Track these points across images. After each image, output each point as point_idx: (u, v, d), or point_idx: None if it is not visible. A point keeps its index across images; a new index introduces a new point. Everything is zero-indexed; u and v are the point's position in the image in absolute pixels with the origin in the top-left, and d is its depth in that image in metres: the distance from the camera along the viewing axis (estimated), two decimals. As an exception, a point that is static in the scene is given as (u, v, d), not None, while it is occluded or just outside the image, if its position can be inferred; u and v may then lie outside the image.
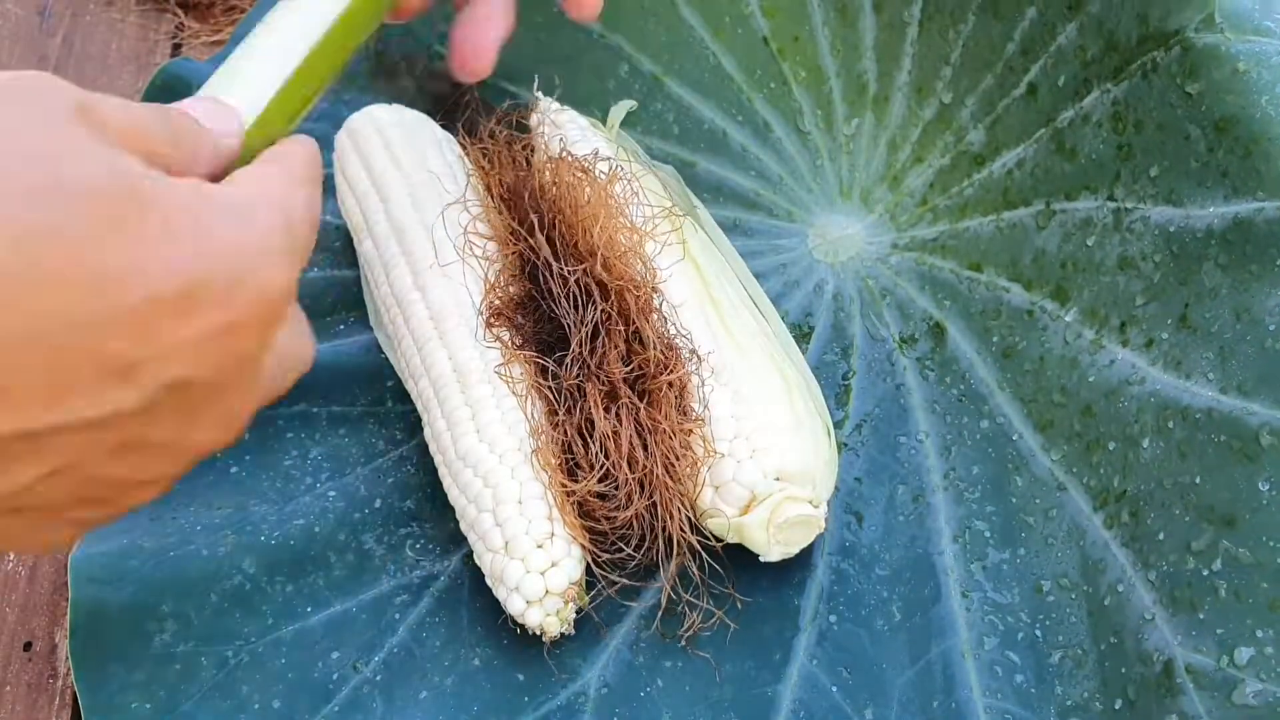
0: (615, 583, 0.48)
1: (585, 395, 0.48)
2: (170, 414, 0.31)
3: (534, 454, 0.48)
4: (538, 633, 0.46)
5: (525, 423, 0.48)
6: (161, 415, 0.30)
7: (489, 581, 0.48)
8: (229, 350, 0.31)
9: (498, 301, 0.51)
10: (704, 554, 0.48)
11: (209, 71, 0.67)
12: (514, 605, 0.46)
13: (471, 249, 0.52)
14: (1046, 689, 0.46)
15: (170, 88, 0.65)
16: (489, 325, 0.50)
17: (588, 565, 0.47)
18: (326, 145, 0.65)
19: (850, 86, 0.63)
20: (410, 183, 0.55)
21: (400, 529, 0.51)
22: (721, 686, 0.47)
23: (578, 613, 0.47)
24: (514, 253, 0.51)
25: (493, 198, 0.54)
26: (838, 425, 0.54)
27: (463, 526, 0.49)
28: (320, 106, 0.66)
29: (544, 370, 0.49)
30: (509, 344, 0.50)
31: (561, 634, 0.47)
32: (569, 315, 0.49)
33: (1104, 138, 0.51)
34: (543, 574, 0.46)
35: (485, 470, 0.48)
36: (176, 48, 0.72)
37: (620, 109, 0.64)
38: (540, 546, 0.46)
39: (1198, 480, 0.44)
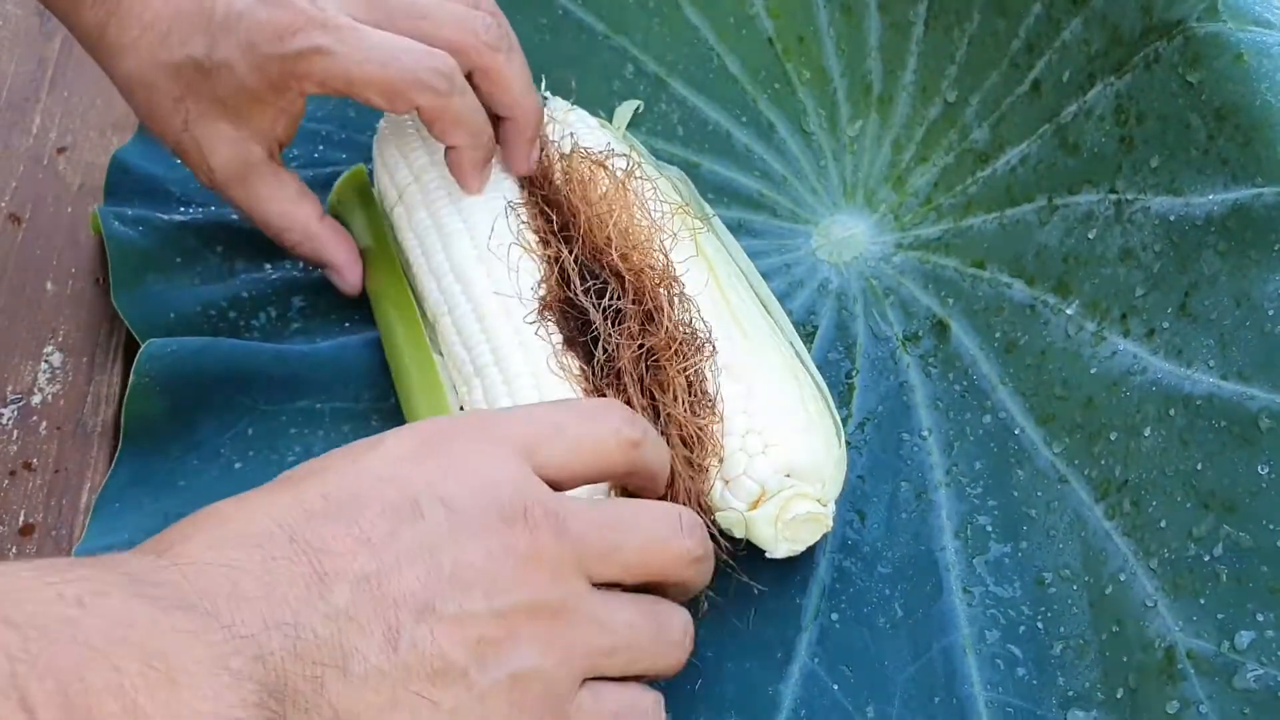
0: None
1: (621, 388, 0.48)
2: None
3: None
4: None
5: None
6: None
7: None
8: None
9: (548, 296, 0.51)
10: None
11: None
12: None
13: (524, 240, 0.52)
14: (1048, 680, 0.46)
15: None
16: (541, 315, 0.51)
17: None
18: (331, 145, 0.65)
19: (855, 87, 0.63)
20: None
21: (402, 523, 0.51)
22: (723, 685, 0.47)
23: None
24: (551, 255, 0.52)
25: (528, 199, 0.55)
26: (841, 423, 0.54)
27: None
28: (325, 107, 0.67)
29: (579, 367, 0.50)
30: (554, 339, 0.51)
31: None
32: (596, 314, 0.49)
33: (1106, 131, 0.51)
34: None
35: None
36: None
37: (626, 109, 0.65)
38: None
39: (1199, 467, 0.44)
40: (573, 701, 0.36)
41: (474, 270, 0.52)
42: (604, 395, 0.49)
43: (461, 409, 0.52)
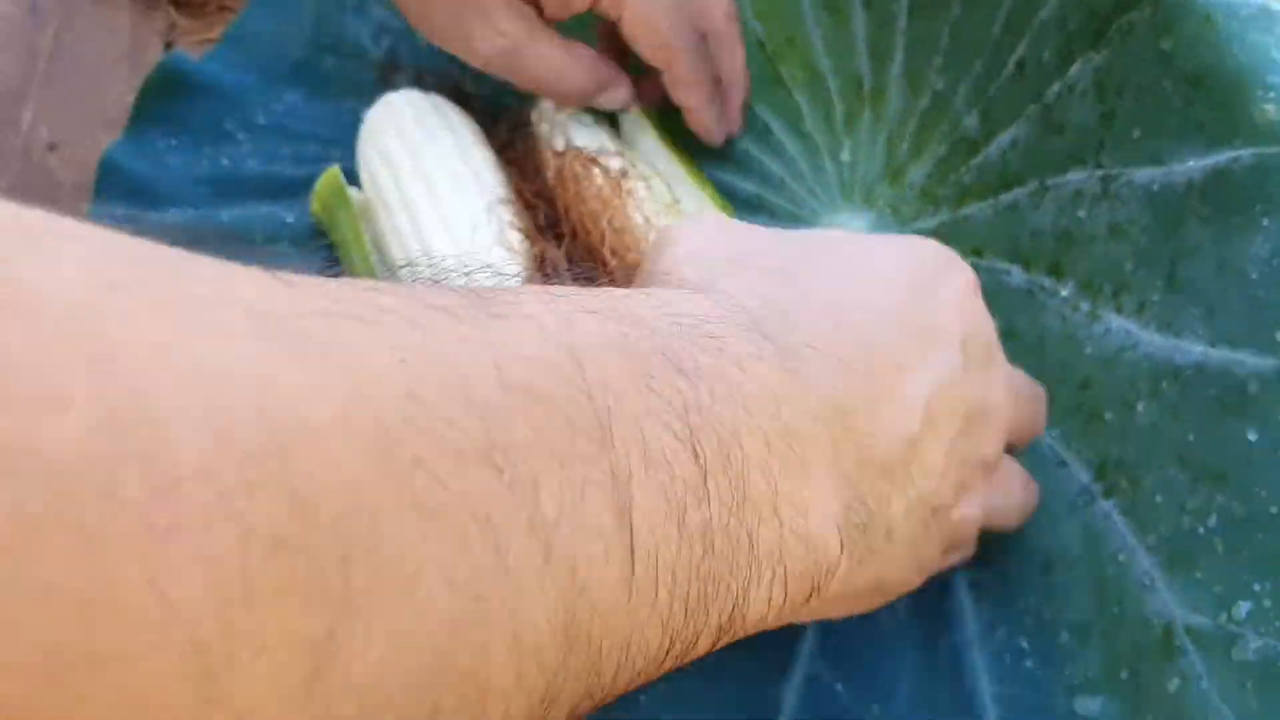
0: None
1: None
2: None
3: None
4: None
5: None
6: None
7: None
8: None
9: None
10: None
11: (205, 68, 0.67)
12: None
13: (506, 240, 0.52)
14: (1054, 670, 0.45)
15: (169, 84, 0.65)
16: None
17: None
18: (329, 145, 0.65)
19: (847, 84, 0.63)
20: (451, 170, 0.56)
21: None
22: (724, 685, 0.46)
23: None
24: (538, 253, 0.52)
25: (517, 196, 0.55)
26: (842, 421, 0.54)
27: None
28: (315, 106, 0.67)
29: None
30: None
31: None
32: None
33: (1089, 107, 0.51)
34: None
35: None
36: (168, 46, 0.71)
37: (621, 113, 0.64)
38: None
39: (1190, 438, 0.43)
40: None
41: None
42: None
43: None
